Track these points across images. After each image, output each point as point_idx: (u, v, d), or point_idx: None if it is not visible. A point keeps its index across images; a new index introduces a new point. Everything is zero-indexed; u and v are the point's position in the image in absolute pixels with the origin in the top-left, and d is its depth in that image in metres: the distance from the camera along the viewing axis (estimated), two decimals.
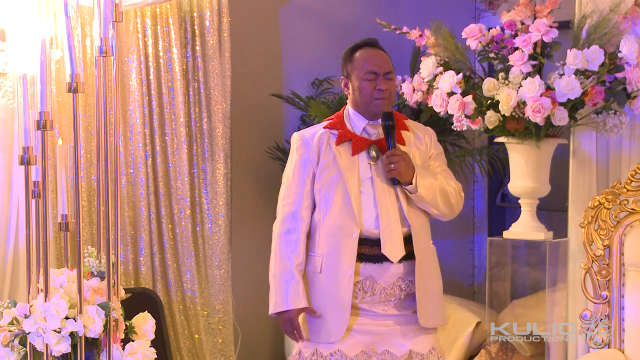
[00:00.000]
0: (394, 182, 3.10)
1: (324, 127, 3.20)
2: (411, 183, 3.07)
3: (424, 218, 3.18)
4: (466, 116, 3.93)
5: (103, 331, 2.52)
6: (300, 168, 3.17)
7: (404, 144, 3.17)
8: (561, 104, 3.75)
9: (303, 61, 5.07)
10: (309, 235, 3.17)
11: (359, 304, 3.11)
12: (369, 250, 3.09)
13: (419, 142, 3.22)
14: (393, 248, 3.07)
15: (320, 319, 3.12)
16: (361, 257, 3.09)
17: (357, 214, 3.08)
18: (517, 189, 4.08)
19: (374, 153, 3.14)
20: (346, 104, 3.25)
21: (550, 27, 3.80)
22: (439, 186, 3.12)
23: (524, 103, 3.75)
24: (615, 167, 3.98)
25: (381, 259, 3.08)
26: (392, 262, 3.08)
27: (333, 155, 3.14)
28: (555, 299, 4.07)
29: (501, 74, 3.84)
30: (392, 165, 3.06)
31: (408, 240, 3.11)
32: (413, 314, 3.14)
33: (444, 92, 3.93)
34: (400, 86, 4.32)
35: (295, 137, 3.23)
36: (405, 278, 3.12)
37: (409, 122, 3.26)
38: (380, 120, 3.14)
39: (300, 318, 3.15)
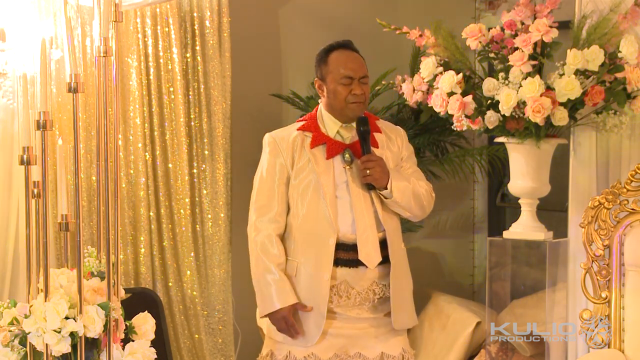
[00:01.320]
0: (369, 186, 3.09)
1: (298, 129, 3.17)
2: (386, 188, 3.07)
3: (397, 221, 3.19)
4: (466, 116, 3.93)
5: (103, 331, 2.52)
6: (274, 170, 3.14)
7: (377, 147, 3.16)
8: (561, 104, 3.75)
9: (303, 61, 5.06)
10: (284, 239, 3.15)
11: (334, 308, 3.10)
12: (345, 255, 3.09)
13: (391, 144, 3.21)
14: (370, 254, 3.07)
15: (296, 322, 3.10)
16: (337, 262, 3.08)
17: (334, 220, 3.06)
18: (517, 189, 4.08)
19: (348, 157, 3.12)
20: (318, 104, 3.22)
21: (550, 27, 3.80)
22: (412, 189, 3.12)
23: (524, 103, 3.75)
24: (615, 167, 3.97)
25: (357, 263, 3.08)
26: (367, 267, 3.08)
27: (308, 158, 3.11)
28: (555, 299, 4.07)
29: (501, 74, 3.84)
30: (368, 171, 3.05)
31: (383, 244, 3.11)
32: (385, 316, 3.16)
33: (444, 92, 3.93)
34: (400, 86, 4.32)
35: (269, 139, 3.19)
36: (380, 282, 3.13)
37: (381, 123, 3.25)
38: (353, 123, 3.13)
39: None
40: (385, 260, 3.11)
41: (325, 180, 3.09)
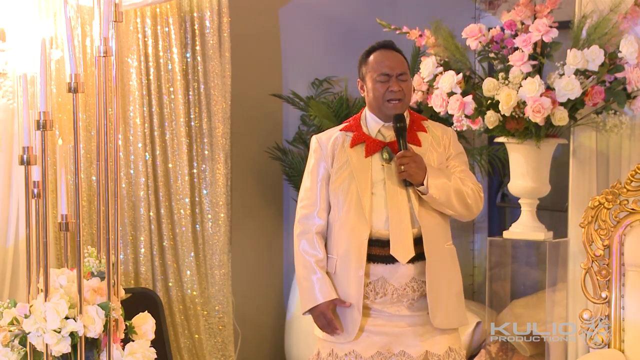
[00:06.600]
0: (406, 183, 3.11)
1: (341, 130, 3.24)
2: (423, 184, 3.08)
3: (438, 219, 3.16)
4: (466, 116, 3.93)
5: (103, 331, 2.52)
6: (316, 170, 3.21)
7: (419, 145, 3.17)
8: (561, 104, 3.75)
9: (303, 61, 5.07)
10: (326, 237, 3.20)
11: (370, 304, 3.12)
12: (380, 251, 3.10)
13: (436, 143, 3.22)
14: (402, 249, 3.07)
15: (336, 318, 3.14)
16: (372, 258, 3.10)
17: (367, 215, 3.09)
18: (517, 189, 4.08)
19: (386, 155, 3.15)
20: (364, 106, 3.26)
21: (550, 27, 3.80)
22: (453, 187, 3.11)
23: (524, 103, 3.75)
24: (615, 167, 3.98)
25: (392, 259, 3.09)
26: (402, 263, 3.09)
27: (347, 157, 3.17)
28: (555, 299, 4.07)
29: (501, 74, 3.84)
30: (403, 167, 3.07)
31: (420, 240, 3.11)
32: (428, 314, 3.14)
33: (444, 92, 3.93)
34: None
35: (313, 140, 3.27)
36: (418, 279, 3.12)
37: (428, 123, 3.27)
38: None
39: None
40: (424, 257, 3.11)
41: (361, 178, 3.13)
